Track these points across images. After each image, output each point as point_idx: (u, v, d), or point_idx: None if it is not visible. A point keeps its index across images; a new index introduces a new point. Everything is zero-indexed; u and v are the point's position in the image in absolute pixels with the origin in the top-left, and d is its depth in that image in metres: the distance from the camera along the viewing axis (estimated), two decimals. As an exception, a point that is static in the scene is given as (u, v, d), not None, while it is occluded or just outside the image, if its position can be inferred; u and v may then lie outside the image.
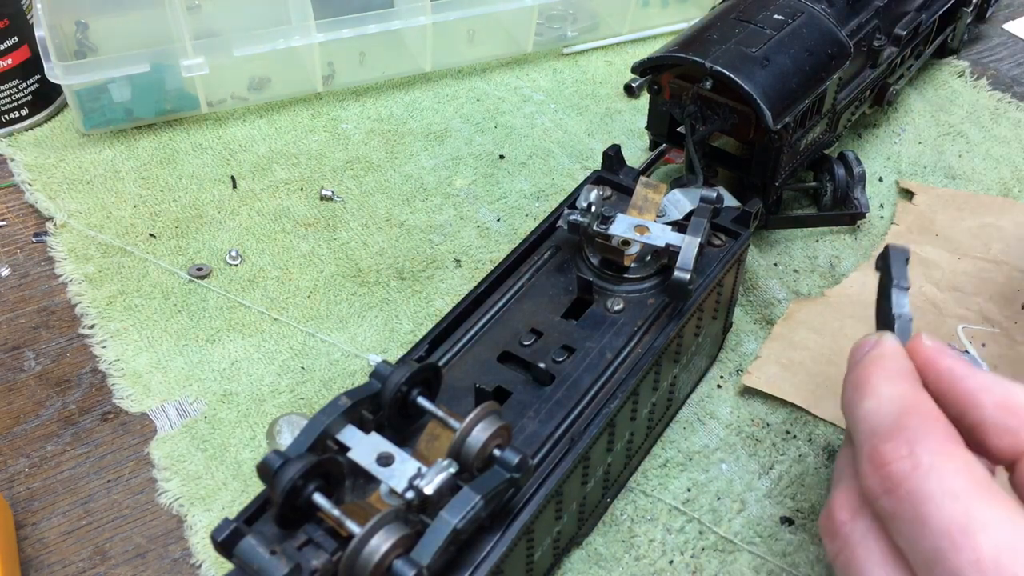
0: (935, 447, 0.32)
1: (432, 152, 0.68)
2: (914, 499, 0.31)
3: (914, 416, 0.33)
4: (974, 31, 0.80)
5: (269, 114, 0.71)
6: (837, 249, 0.61)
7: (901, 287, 0.40)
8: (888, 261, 0.41)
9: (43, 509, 0.47)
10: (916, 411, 0.33)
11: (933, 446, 0.32)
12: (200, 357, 0.54)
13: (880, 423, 0.34)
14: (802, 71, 0.54)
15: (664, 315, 0.45)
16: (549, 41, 0.78)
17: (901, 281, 0.40)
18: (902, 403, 0.34)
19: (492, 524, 0.37)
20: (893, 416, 0.33)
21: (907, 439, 0.32)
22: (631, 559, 0.45)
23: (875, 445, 0.33)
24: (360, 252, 0.60)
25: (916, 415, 0.33)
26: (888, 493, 0.32)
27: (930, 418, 0.33)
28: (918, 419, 0.33)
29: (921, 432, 0.32)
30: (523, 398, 0.42)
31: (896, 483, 0.32)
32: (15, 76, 0.66)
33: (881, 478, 0.32)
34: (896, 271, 0.41)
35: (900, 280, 0.40)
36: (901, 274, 0.40)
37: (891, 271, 0.41)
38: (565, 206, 0.50)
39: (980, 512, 0.30)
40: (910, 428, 0.32)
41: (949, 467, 0.31)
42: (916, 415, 0.33)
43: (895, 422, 0.33)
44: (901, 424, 0.33)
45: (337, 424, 0.37)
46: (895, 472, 0.32)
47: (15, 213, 0.63)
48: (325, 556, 0.34)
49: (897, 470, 0.32)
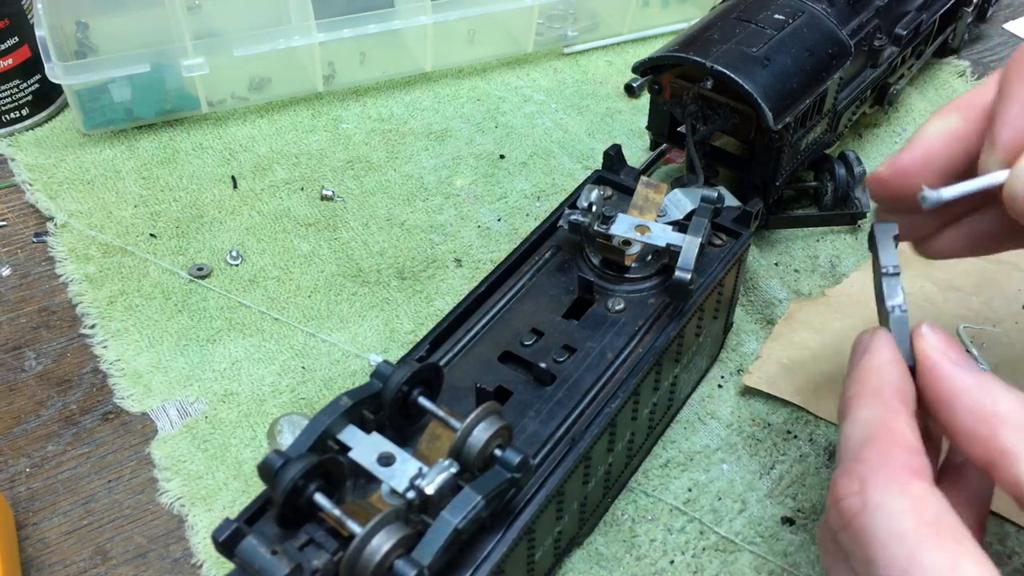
0: (887, 483, 0.31)
1: (433, 152, 0.68)
2: (862, 538, 0.31)
3: (874, 446, 0.32)
4: (975, 31, 0.80)
5: (269, 114, 0.71)
6: (838, 249, 0.61)
7: (890, 273, 0.38)
8: (875, 242, 0.39)
9: (44, 509, 0.47)
10: (878, 440, 0.32)
11: (884, 482, 0.31)
12: (201, 357, 0.54)
13: (845, 452, 0.33)
14: (803, 71, 0.54)
15: (665, 315, 0.45)
16: (549, 41, 0.78)
17: (890, 266, 0.38)
18: (867, 430, 0.33)
19: (493, 524, 0.37)
20: (855, 447, 0.33)
21: (859, 474, 0.31)
22: (632, 559, 0.45)
23: (836, 476, 0.32)
24: (361, 252, 0.60)
25: (876, 445, 0.32)
26: (843, 528, 0.32)
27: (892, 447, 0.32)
28: (877, 450, 0.32)
29: (876, 465, 0.31)
30: (524, 398, 0.42)
31: (847, 520, 0.31)
32: (15, 76, 0.66)
33: (837, 512, 0.32)
34: (884, 254, 0.38)
35: (888, 264, 0.38)
36: (890, 257, 0.38)
37: (879, 255, 0.38)
38: (566, 206, 0.50)
39: (923, 556, 0.29)
40: (866, 461, 0.32)
41: (897, 505, 0.30)
42: (876, 445, 0.32)
43: (856, 453, 0.32)
44: (860, 456, 0.32)
45: (338, 424, 0.37)
46: (846, 508, 0.31)
47: (16, 213, 0.63)
48: (326, 556, 0.34)
49: (848, 506, 0.31)
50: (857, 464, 0.32)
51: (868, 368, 0.35)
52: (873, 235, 0.39)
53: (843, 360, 0.54)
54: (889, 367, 0.35)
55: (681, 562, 0.45)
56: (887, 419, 0.33)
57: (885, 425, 0.33)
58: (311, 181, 0.65)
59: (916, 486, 0.31)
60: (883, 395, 0.34)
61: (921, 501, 0.30)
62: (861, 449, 0.32)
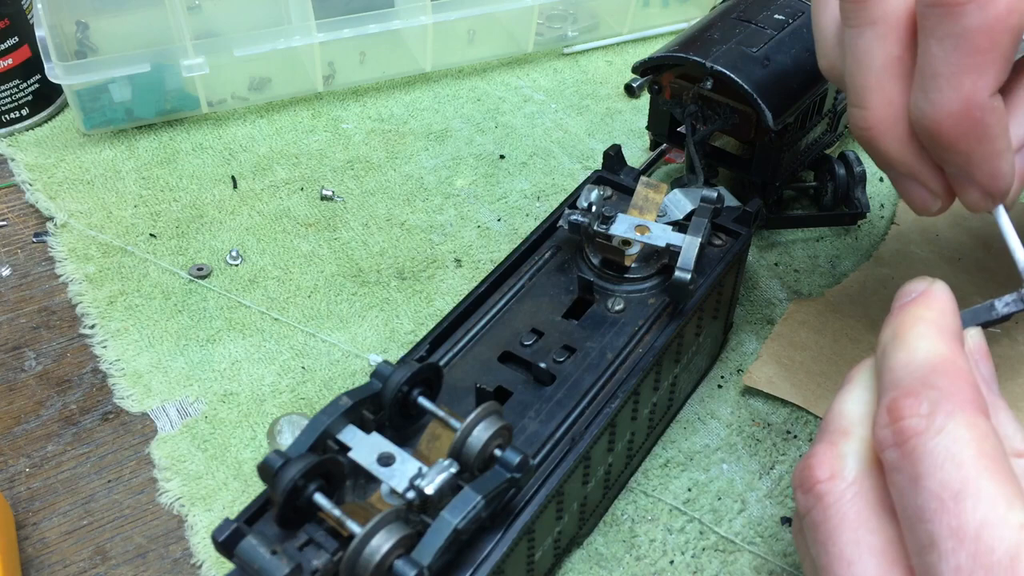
0: (955, 412, 0.31)
1: (432, 152, 0.68)
2: (918, 456, 0.30)
3: (944, 377, 0.32)
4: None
5: (269, 114, 0.71)
6: (838, 249, 0.61)
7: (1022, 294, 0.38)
8: None
9: (44, 509, 0.47)
10: (948, 372, 0.32)
11: (954, 411, 0.31)
12: (201, 357, 0.54)
13: (907, 377, 0.33)
14: (803, 71, 0.54)
15: (665, 315, 0.45)
16: (549, 41, 0.78)
17: None
18: (935, 361, 0.33)
19: (493, 524, 0.37)
20: (923, 372, 0.32)
21: (929, 398, 0.31)
22: (632, 559, 0.45)
23: (896, 397, 0.32)
24: (361, 252, 0.60)
25: (947, 376, 0.32)
26: (896, 446, 0.31)
27: (960, 382, 0.32)
28: (948, 380, 0.32)
29: (946, 394, 0.31)
30: (524, 398, 0.42)
31: (905, 438, 0.31)
32: (15, 76, 0.66)
33: (894, 431, 0.31)
34: None
35: None
36: None
37: None
38: (566, 206, 0.50)
39: (978, 484, 0.29)
40: (936, 388, 0.31)
41: (963, 434, 0.30)
42: (947, 376, 0.32)
43: (923, 379, 0.32)
44: (928, 382, 0.32)
45: (338, 424, 0.37)
46: (908, 427, 0.31)
47: (15, 213, 0.63)
48: (326, 556, 0.34)
49: (910, 425, 0.31)
50: (927, 389, 0.31)
51: (929, 305, 0.35)
52: None
53: (844, 360, 0.54)
54: (953, 313, 0.35)
55: (681, 562, 0.45)
56: (954, 354, 0.33)
57: (952, 359, 0.33)
58: (311, 181, 0.65)
59: (983, 422, 0.31)
60: (948, 335, 0.34)
61: (986, 436, 0.30)
62: (932, 375, 0.32)
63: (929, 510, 0.29)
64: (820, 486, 0.34)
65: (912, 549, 0.30)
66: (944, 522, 0.29)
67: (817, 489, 0.34)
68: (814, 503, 0.34)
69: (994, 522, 0.28)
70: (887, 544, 0.32)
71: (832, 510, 0.33)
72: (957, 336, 0.34)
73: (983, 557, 0.28)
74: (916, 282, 0.37)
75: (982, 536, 0.28)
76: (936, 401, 0.31)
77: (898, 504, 0.31)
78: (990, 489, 0.29)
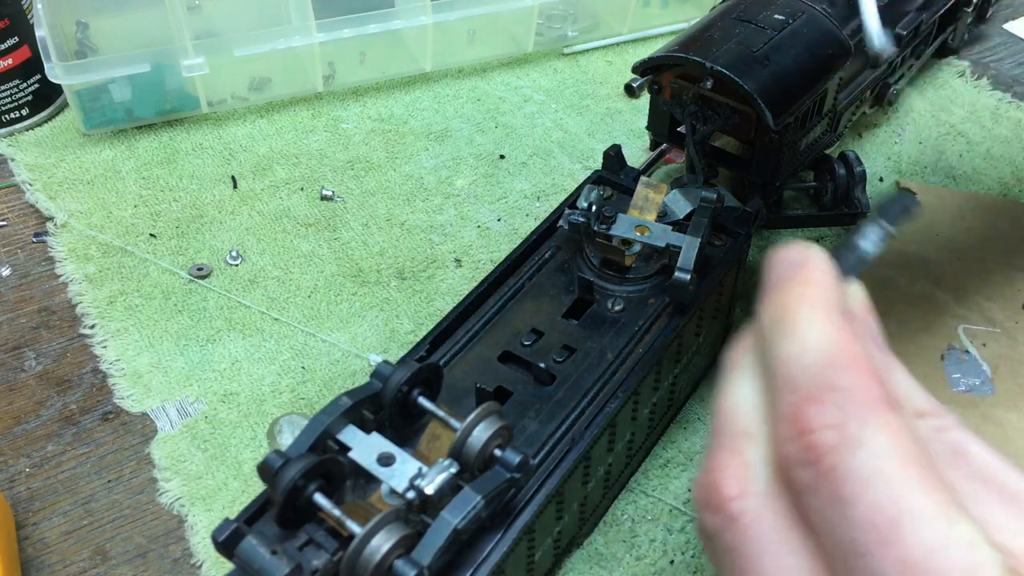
0: (869, 418, 0.26)
1: (433, 152, 0.68)
2: (838, 477, 0.26)
3: (846, 373, 0.27)
4: (974, 31, 0.80)
5: (269, 114, 0.71)
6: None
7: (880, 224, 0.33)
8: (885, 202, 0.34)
9: (44, 509, 0.47)
10: (849, 365, 0.28)
11: (867, 416, 0.26)
12: (201, 357, 0.54)
13: (803, 376, 0.28)
14: (803, 71, 0.54)
15: (665, 315, 0.45)
16: (549, 41, 0.78)
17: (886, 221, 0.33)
18: (832, 353, 0.28)
19: (493, 524, 0.37)
20: (821, 370, 0.28)
21: (836, 403, 0.27)
22: (632, 559, 0.45)
23: (798, 404, 0.27)
24: (361, 252, 0.60)
25: (849, 371, 0.27)
26: (809, 464, 0.26)
27: (864, 375, 0.27)
28: (851, 376, 0.27)
29: (853, 396, 0.27)
30: (524, 398, 0.42)
31: (819, 455, 0.26)
32: (16, 76, 0.66)
33: (803, 446, 0.27)
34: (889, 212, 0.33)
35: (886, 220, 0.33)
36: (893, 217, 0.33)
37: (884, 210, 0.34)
38: (566, 206, 0.50)
39: (912, 501, 0.25)
40: (840, 389, 0.27)
41: (883, 443, 0.26)
42: (849, 371, 0.27)
43: (824, 378, 0.27)
44: (831, 383, 0.27)
45: (338, 424, 0.37)
46: (819, 443, 0.26)
47: (16, 213, 0.63)
48: (326, 556, 0.34)
49: (822, 440, 0.26)
50: (830, 392, 0.27)
51: (812, 281, 0.30)
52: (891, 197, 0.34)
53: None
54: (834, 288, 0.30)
55: (681, 562, 0.45)
56: (848, 341, 0.28)
57: (849, 347, 0.28)
58: (311, 181, 0.65)
59: (895, 420, 0.27)
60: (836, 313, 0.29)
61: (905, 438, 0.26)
62: (832, 372, 0.27)
63: (865, 543, 0.25)
64: (731, 505, 0.29)
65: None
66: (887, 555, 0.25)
67: (728, 509, 0.29)
68: (726, 525, 0.29)
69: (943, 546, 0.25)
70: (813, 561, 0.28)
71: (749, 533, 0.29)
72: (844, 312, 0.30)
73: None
74: (790, 250, 0.31)
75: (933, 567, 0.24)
76: (844, 407, 0.27)
77: (822, 531, 0.27)
78: (927, 506, 0.25)
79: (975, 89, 0.75)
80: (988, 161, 0.68)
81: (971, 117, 0.72)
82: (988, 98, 0.74)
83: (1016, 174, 0.67)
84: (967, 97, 0.74)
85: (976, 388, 0.52)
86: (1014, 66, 0.78)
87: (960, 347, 0.54)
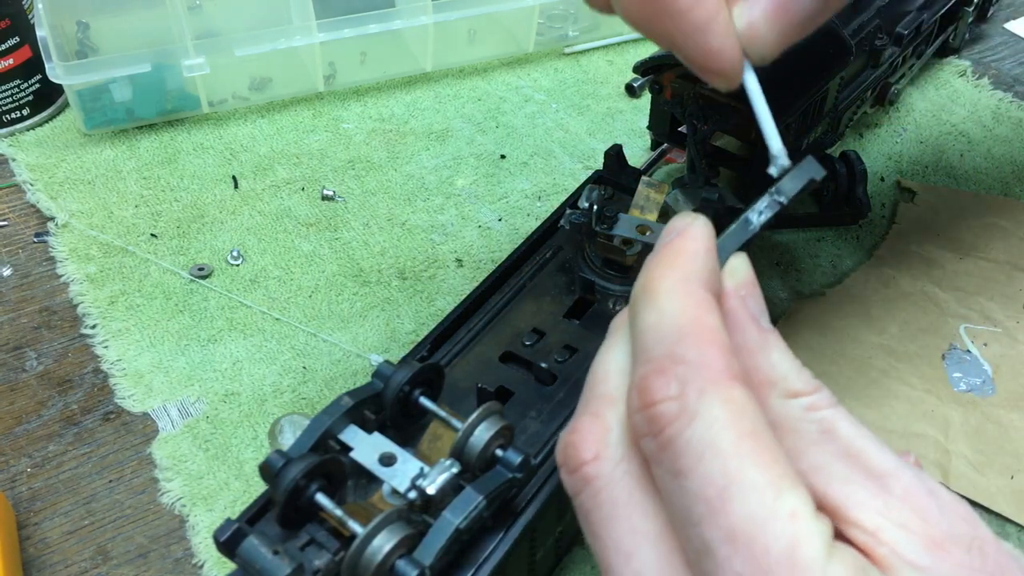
0: (708, 387, 0.27)
1: (433, 152, 0.68)
2: (676, 449, 0.26)
3: (692, 345, 0.27)
4: (975, 31, 0.80)
5: (270, 114, 0.71)
6: (839, 248, 0.61)
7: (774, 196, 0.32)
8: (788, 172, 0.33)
9: (45, 509, 0.47)
10: (695, 338, 0.28)
11: (705, 386, 0.27)
12: (202, 357, 0.54)
13: (655, 347, 0.28)
14: (803, 71, 0.54)
15: (666, 315, 0.45)
16: (550, 41, 0.78)
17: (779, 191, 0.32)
18: (682, 325, 0.28)
19: (494, 524, 0.37)
20: (670, 341, 0.28)
21: (678, 375, 0.27)
22: (633, 559, 0.45)
23: (646, 375, 0.28)
24: (362, 252, 0.60)
25: (694, 343, 0.28)
26: (652, 436, 0.27)
27: (709, 347, 0.27)
28: (695, 348, 0.27)
29: (695, 367, 0.27)
30: (525, 398, 0.42)
31: (660, 427, 0.27)
32: (16, 76, 0.66)
33: (647, 418, 0.27)
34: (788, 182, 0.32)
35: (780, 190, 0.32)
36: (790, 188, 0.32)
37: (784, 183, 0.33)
38: (567, 206, 0.50)
39: (742, 474, 0.25)
40: (684, 361, 0.27)
41: (718, 415, 0.26)
42: (694, 343, 0.28)
43: (670, 350, 0.28)
44: (676, 355, 0.27)
45: (339, 424, 0.37)
46: (660, 414, 0.27)
47: (16, 213, 0.63)
48: (327, 556, 0.34)
49: (663, 412, 0.27)
50: (674, 363, 0.27)
51: (681, 252, 0.30)
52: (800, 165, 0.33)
53: (845, 360, 0.54)
54: (706, 257, 0.31)
55: (682, 562, 0.45)
56: (702, 314, 0.28)
57: (700, 320, 0.28)
58: (312, 181, 0.65)
59: (737, 392, 0.27)
60: (695, 286, 0.29)
61: (743, 411, 0.27)
62: (679, 344, 0.28)
63: (697, 513, 0.26)
64: (586, 468, 0.29)
65: (689, 556, 0.27)
66: (715, 525, 0.25)
67: (584, 471, 0.29)
68: (581, 486, 0.30)
69: (765, 517, 0.25)
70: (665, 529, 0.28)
71: (603, 495, 0.29)
72: (708, 285, 0.30)
73: (760, 560, 0.25)
74: (678, 219, 0.32)
75: (755, 537, 0.25)
76: (685, 379, 0.27)
77: (667, 503, 0.28)
78: (756, 478, 0.25)
79: (976, 89, 0.75)
80: (989, 161, 0.68)
81: (972, 117, 0.72)
82: (989, 98, 0.74)
83: (1017, 174, 0.67)
84: (968, 97, 0.74)
85: (977, 388, 0.52)
86: (1015, 66, 0.78)
87: (961, 347, 0.54)
